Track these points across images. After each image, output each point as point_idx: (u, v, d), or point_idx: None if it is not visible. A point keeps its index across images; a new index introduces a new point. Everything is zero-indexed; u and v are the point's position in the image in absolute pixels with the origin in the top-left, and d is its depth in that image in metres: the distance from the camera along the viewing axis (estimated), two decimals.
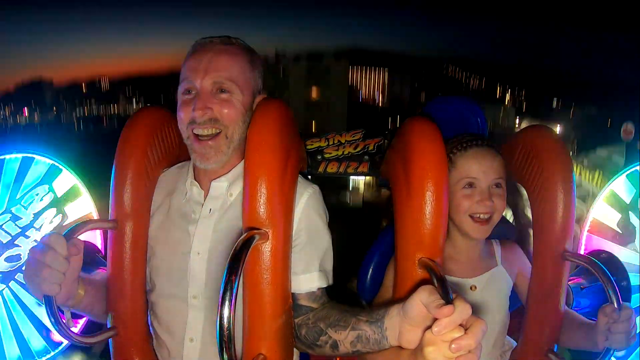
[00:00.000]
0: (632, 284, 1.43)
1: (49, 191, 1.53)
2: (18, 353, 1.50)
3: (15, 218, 1.50)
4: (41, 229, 1.51)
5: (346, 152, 1.39)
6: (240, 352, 0.92)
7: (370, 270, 1.32)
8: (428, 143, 0.99)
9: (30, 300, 1.51)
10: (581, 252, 1.51)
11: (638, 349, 1.39)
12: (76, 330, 1.47)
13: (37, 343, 1.51)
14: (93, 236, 1.54)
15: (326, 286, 1.02)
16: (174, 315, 1.04)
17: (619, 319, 0.98)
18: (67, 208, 1.55)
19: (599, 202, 1.54)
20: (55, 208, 1.53)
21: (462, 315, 0.65)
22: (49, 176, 1.54)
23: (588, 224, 1.54)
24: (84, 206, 1.56)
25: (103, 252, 1.46)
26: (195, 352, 1.02)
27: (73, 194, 1.55)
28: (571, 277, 1.33)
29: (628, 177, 1.51)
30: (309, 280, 1.00)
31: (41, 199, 1.52)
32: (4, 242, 1.50)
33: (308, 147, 1.39)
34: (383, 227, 1.34)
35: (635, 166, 1.50)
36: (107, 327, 1.06)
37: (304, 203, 1.02)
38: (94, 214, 1.55)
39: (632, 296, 1.44)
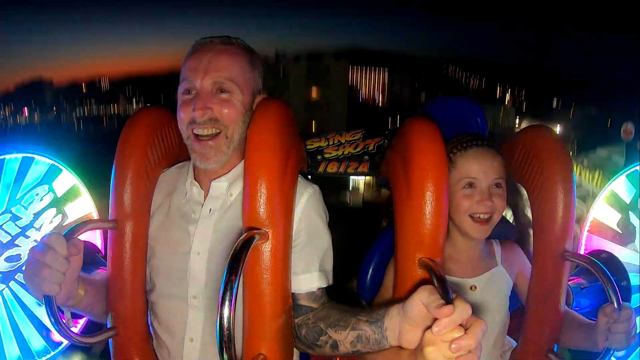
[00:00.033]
0: (632, 284, 1.43)
1: (49, 191, 1.53)
2: (18, 353, 1.50)
3: (15, 218, 1.50)
4: (41, 229, 1.51)
5: (346, 152, 1.39)
6: (240, 352, 0.92)
7: (370, 270, 1.32)
8: (428, 143, 0.99)
9: (30, 300, 1.50)
10: (581, 252, 1.51)
11: (638, 349, 1.39)
12: (76, 330, 1.47)
13: (37, 343, 1.51)
14: (93, 236, 1.54)
15: (326, 286, 1.02)
16: (174, 315, 1.04)
17: (619, 319, 0.98)
18: (67, 208, 1.55)
19: (599, 202, 1.54)
20: (55, 208, 1.53)
21: (462, 315, 0.65)
22: (49, 176, 1.53)
23: (588, 224, 1.54)
24: (84, 206, 1.56)
25: (103, 252, 1.46)
26: (195, 352, 1.02)
27: (73, 194, 1.55)
28: (571, 277, 1.32)
29: (628, 177, 1.51)
30: (309, 280, 1.00)
31: (41, 199, 1.52)
32: (4, 242, 1.50)
33: (308, 147, 1.39)
34: (383, 227, 1.34)
35: (635, 166, 1.50)
36: (107, 327, 1.06)
37: (304, 203, 1.02)
38: (94, 214, 1.55)
39: (632, 296, 1.44)
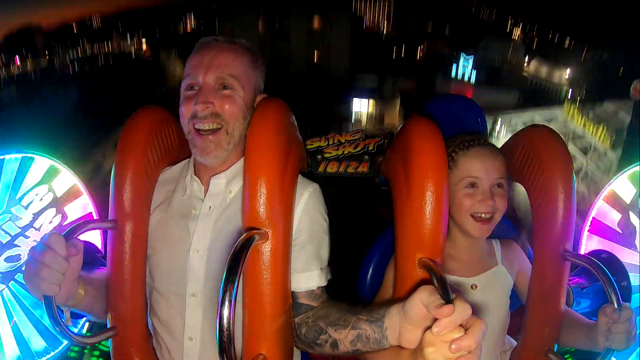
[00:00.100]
0: (632, 284, 1.43)
1: (49, 191, 1.53)
2: (18, 353, 1.50)
3: (15, 218, 1.50)
4: (41, 229, 1.51)
5: (346, 152, 1.39)
6: (240, 352, 0.92)
7: (370, 270, 1.32)
8: (428, 143, 0.99)
9: (30, 300, 1.50)
10: (581, 252, 1.51)
11: (638, 349, 1.39)
12: (76, 330, 1.47)
13: (37, 343, 1.51)
14: (93, 236, 1.54)
15: (326, 285, 1.02)
16: (174, 313, 1.03)
17: (619, 319, 0.98)
18: (67, 208, 1.55)
19: (599, 202, 1.54)
20: (54, 208, 1.53)
21: (462, 315, 0.65)
22: (49, 176, 1.54)
23: (588, 224, 1.54)
24: (84, 206, 1.56)
25: (103, 252, 1.46)
26: (195, 351, 1.02)
27: (73, 194, 1.55)
28: (571, 277, 1.33)
29: (628, 177, 1.51)
30: (309, 278, 1.00)
31: (41, 199, 1.52)
32: (4, 243, 1.49)
33: (308, 147, 1.39)
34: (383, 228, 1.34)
35: (635, 166, 1.50)
36: (107, 327, 1.05)
37: (305, 202, 1.02)
38: (94, 214, 1.55)
39: (633, 296, 1.44)
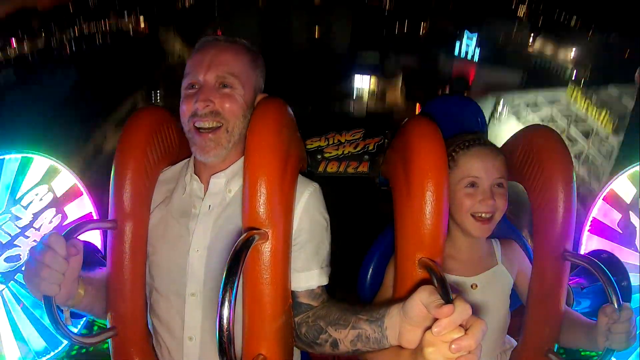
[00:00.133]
0: (632, 284, 1.43)
1: (49, 191, 1.53)
2: (18, 353, 1.50)
3: (14, 218, 1.50)
4: (41, 229, 1.51)
5: (346, 152, 1.39)
6: (239, 353, 0.92)
7: (370, 270, 1.32)
8: (428, 143, 0.99)
9: (30, 300, 1.51)
10: (581, 252, 1.51)
11: (638, 349, 1.39)
12: (76, 330, 1.47)
13: (37, 343, 1.51)
14: (93, 236, 1.54)
15: (326, 284, 1.02)
16: (174, 313, 1.03)
17: (620, 319, 0.98)
18: (67, 208, 1.55)
19: (599, 202, 1.54)
20: (54, 208, 1.54)
21: (462, 315, 0.64)
22: (49, 176, 1.54)
23: (588, 224, 1.54)
24: (84, 206, 1.56)
25: (103, 252, 1.46)
26: (195, 351, 1.02)
27: (72, 194, 1.55)
28: (571, 277, 1.32)
29: (628, 177, 1.51)
30: (309, 278, 1.00)
31: (41, 199, 1.52)
32: (4, 243, 1.50)
33: (308, 147, 1.39)
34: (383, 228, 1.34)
35: (635, 166, 1.50)
36: (107, 327, 1.05)
37: (305, 202, 1.02)
38: (94, 214, 1.55)
39: (633, 296, 1.44)
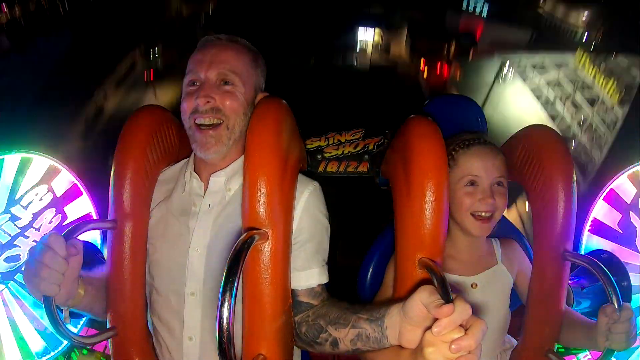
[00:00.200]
0: (632, 284, 1.43)
1: (48, 191, 1.53)
2: (18, 353, 1.50)
3: (14, 218, 1.50)
4: (40, 229, 1.51)
5: (346, 152, 1.39)
6: (239, 353, 0.92)
7: (370, 270, 1.32)
8: (428, 143, 0.99)
9: (30, 300, 1.50)
10: (581, 252, 1.51)
11: (638, 349, 1.39)
12: (75, 330, 1.46)
13: (37, 343, 1.51)
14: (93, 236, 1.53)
15: (326, 282, 1.02)
16: (173, 313, 1.03)
17: (620, 320, 0.98)
18: (67, 208, 1.55)
19: (599, 202, 1.54)
20: (54, 208, 1.53)
21: (462, 315, 0.64)
22: (48, 176, 1.53)
23: (588, 224, 1.54)
24: (84, 206, 1.56)
25: (103, 252, 1.46)
26: (195, 351, 1.02)
27: (72, 194, 1.55)
28: (571, 277, 1.32)
29: (628, 177, 1.51)
30: (309, 276, 1.00)
31: (40, 199, 1.52)
32: (4, 243, 1.49)
33: (308, 147, 1.39)
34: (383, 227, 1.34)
35: (635, 166, 1.50)
36: (107, 327, 1.05)
37: (305, 200, 1.02)
38: (94, 214, 1.55)
39: (633, 296, 1.44)
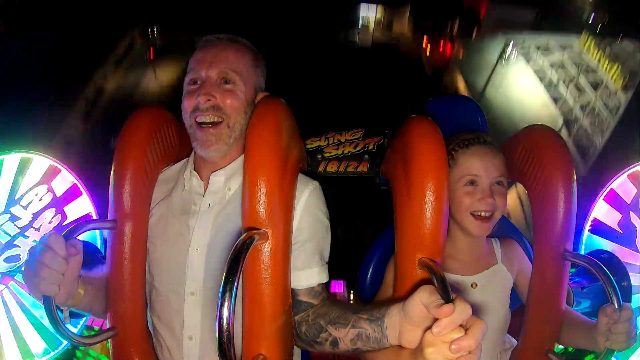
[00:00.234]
0: (633, 284, 1.43)
1: (48, 191, 1.53)
2: (18, 353, 1.50)
3: (14, 218, 1.50)
4: (40, 229, 1.51)
5: (346, 152, 1.39)
6: (239, 353, 0.92)
7: (370, 270, 1.32)
8: (428, 143, 0.99)
9: (30, 300, 1.50)
10: (581, 252, 1.51)
11: (638, 349, 1.39)
12: (75, 330, 1.46)
13: (37, 343, 1.51)
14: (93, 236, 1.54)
15: (326, 281, 1.02)
16: (173, 312, 1.03)
17: (620, 320, 0.98)
18: (67, 208, 1.55)
19: (600, 202, 1.54)
20: (54, 208, 1.53)
21: (462, 315, 0.64)
22: (48, 176, 1.53)
23: (588, 224, 1.54)
24: (84, 206, 1.56)
25: (103, 252, 1.46)
26: (195, 351, 1.01)
27: (72, 194, 1.55)
28: (571, 277, 1.32)
29: (628, 177, 1.51)
30: (309, 276, 1.00)
31: (40, 199, 1.52)
32: (4, 243, 1.50)
33: (308, 146, 1.39)
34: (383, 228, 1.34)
35: (635, 166, 1.50)
36: (107, 327, 1.05)
37: (305, 200, 1.02)
38: (94, 214, 1.55)
39: (633, 296, 1.44)
